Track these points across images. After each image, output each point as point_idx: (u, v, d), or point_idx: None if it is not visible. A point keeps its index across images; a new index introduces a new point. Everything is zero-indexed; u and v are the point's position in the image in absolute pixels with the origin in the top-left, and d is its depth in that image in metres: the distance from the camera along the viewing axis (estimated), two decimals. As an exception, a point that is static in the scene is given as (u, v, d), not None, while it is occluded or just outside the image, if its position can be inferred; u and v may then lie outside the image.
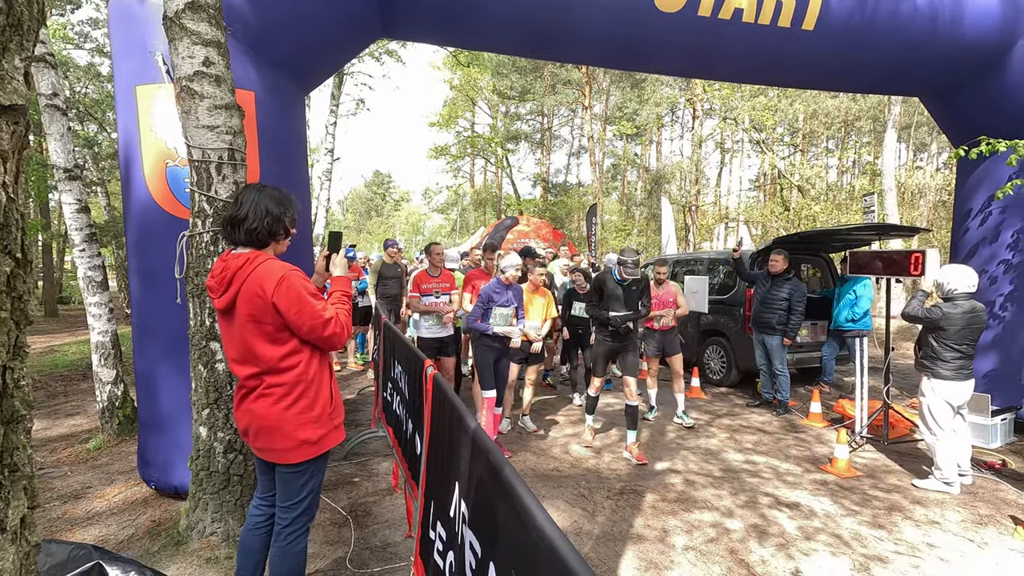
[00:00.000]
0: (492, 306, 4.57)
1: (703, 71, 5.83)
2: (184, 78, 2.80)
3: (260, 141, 3.58)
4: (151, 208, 3.40)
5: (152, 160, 3.41)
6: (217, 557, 2.89)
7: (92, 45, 16.25)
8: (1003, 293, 5.29)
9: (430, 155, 31.55)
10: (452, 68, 28.05)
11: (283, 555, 2.14)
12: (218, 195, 2.88)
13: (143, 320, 3.58)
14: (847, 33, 4.78)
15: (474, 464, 1.43)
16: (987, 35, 4.93)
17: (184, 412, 3.34)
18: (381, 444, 4.73)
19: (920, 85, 5.62)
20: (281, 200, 2.12)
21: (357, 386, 7.01)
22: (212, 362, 2.95)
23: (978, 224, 5.55)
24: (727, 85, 19.70)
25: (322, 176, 15.04)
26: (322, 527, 3.31)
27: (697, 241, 23.58)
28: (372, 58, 17.98)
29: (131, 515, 3.46)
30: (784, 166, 21.78)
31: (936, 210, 19.86)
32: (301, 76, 4.03)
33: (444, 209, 39.72)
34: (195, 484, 3.03)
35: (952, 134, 5.92)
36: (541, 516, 0.97)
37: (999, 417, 4.91)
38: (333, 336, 2.05)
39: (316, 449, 2.09)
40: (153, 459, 3.60)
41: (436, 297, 5.20)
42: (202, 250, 2.91)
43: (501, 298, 4.57)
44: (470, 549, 1.38)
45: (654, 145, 33.07)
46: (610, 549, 3.12)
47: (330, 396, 2.16)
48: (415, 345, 4.98)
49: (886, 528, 3.44)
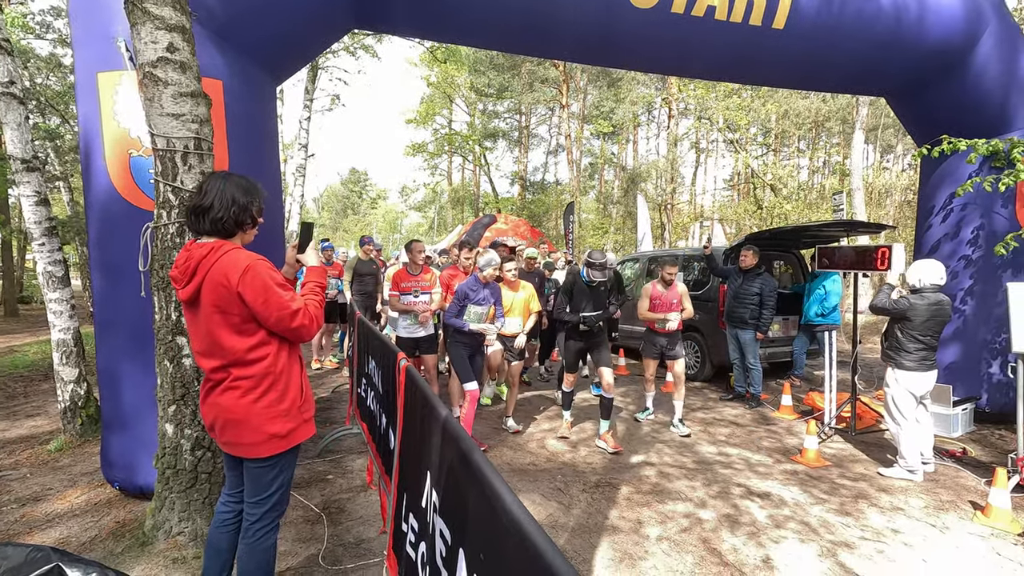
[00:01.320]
0: (467, 303, 4.56)
1: (678, 68, 5.89)
2: (147, 64, 2.72)
3: (228, 131, 3.49)
4: (114, 199, 3.29)
5: (115, 149, 3.29)
6: (184, 557, 2.82)
7: (54, 36, 15.69)
8: (963, 288, 5.47)
9: (407, 152, 31.32)
10: (429, 64, 27.89)
11: (252, 551, 2.09)
12: (184, 185, 2.80)
13: (106, 315, 3.46)
14: (816, 32, 4.88)
15: (444, 452, 1.41)
16: (950, 35, 5.09)
17: (149, 409, 3.25)
18: (356, 441, 4.67)
19: (886, 85, 5.77)
20: (248, 189, 2.06)
21: (332, 384, 6.91)
22: (178, 357, 2.87)
23: (940, 221, 5.73)
24: (702, 84, 19.98)
25: (296, 172, 14.79)
26: (294, 524, 3.25)
27: (673, 239, 23.89)
28: (347, 52, 17.76)
29: (94, 516, 3.35)
30: (757, 166, 22.20)
31: (901, 209, 20.47)
32: (271, 66, 3.95)
33: (422, 207, 39.48)
34: (161, 483, 2.95)
35: (916, 134, 6.10)
36: (510, 499, 0.96)
37: (960, 407, 5.08)
38: (301, 328, 2.01)
39: (285, 443, 2.05)
40: (117, 459, 3.49)
41: (415, 296, 5.11)
42: (167, 242, 2.82)
43: (477, 295, 4.57)
44: (440, 537, 1.36)
45: (630, 144, 33.37)
46: (585, 541, 3.14)
47: (300, 389, 2.11)
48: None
49: (853, 515, 3.52)
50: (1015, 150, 4.90)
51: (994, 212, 5.31)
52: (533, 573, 0.81)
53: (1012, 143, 4.94)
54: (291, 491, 3.60)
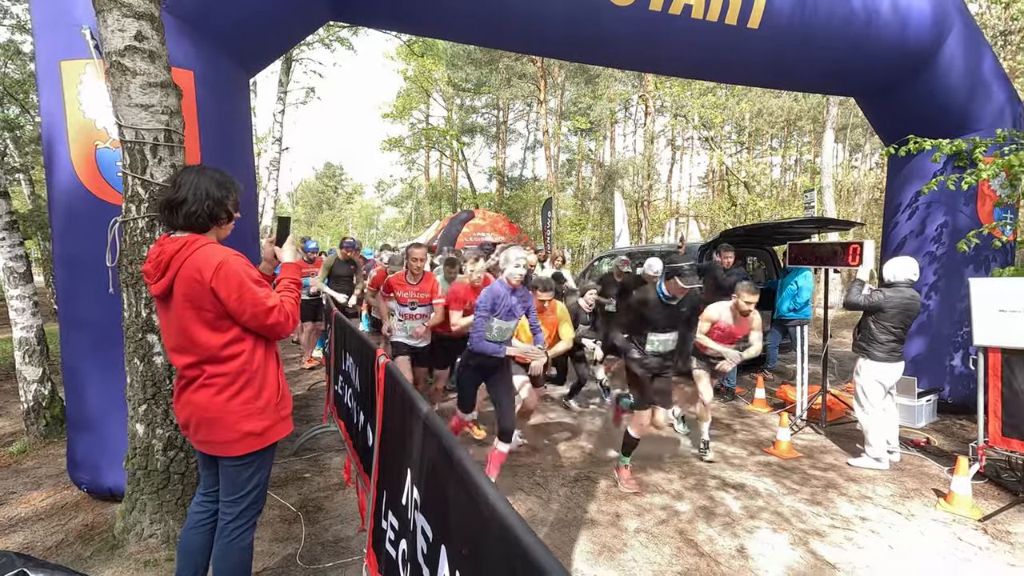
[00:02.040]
0: (491, 318, 3.52)
1: (655, 66, 5.94)
2: (114, 53, 2.63)
3: (200, 123, 3.40)
4: (79, 192, 3.18)
5: (80, 141, 3.18)
6: (157, 560, 2.75)
7: (12, 22, 15.05)
8: (928, 283, 5.65)
9: (384, 147, 30.95)
10: (406, 58, 27.59)
11: (228, 551, 2.05)
12: (154, 179, 2.72)
13: (71, 312, 3.35)
14: (790, 32, 4.97)
15: (426, 449, 1.41)
16: (917, 37, 5.23)
17: (117, 409, 3.15)
18: (333, 439, 4.62)
19: (856, 85, 5.92)
20: (223, 183, 2.02)
21: (308, 381, 6.81)
22: (149, 355, 2.80)
23: (907, 218, 5.91)
24: (678, 82, 20.20)
25: (270, 166, 14.52)
26: (271, 524, 3.20)
27: (649, 235, 24.14)
28: (323, 45, 17.46)
29: (60, 520, 3.25)
30: (731, 163, 22.56)
31: (869, 207, 21.03)
32: (244, 56, 3.86)
33: (398, 202, 39.09)
34: (132, 484, 2.87)
35: (884, 134, 6.27)
36: (492, 494, 0.96)
37: (924, 399, 5.26)
38: (276, 325, 1.98)
39: (261, 441, 2.01)
40: (84, 460, 3.38)
41: (412, 309, 4.59)
42: (137, 237, 2.74)
43: (504, 305, 3.51)
44: (421, 534, 1.36)
45: (608, 141, 33.57)
46: (564, 535, 3.16)
47: (277, 386, 2.08)
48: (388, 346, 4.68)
49: (823, 504, 3.62)
50: (977, 150, 5.08)
51: (957, 210, 5.50)
52: (517, 566, 0.82)
53: (974, 143, 5.12)
54: (267, 490, 3.56)
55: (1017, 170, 4.72)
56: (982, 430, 3.89)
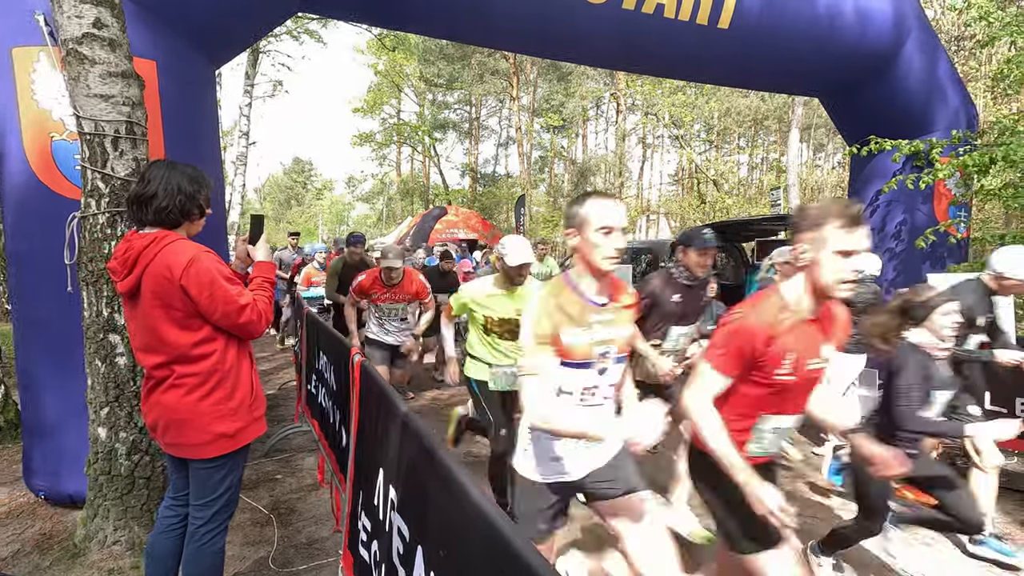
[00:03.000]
0: None
1: (627, 64, 6.01)
2: (71, 40, 2.51)
3: (164, 116, 3.28)
4: (33, 186, 3.03)
5: (33, 132, 3.03)
6: (122, 568, 2.66)
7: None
8: (888, 279, 5.86)
9: (354, 142, 30.54)
10: (377, 52, 27.23)
11: (199, 556, 1.99)
12: (115, 172, 2.61)
13: (26, 312, 3.20)
14: (758, 32, 5.07)
15: (405, 449, 1.39)
16: (878, 39, 5.40)
17: (76, 413, 3.02)
18: (305, 439, 4.53)
19: (821, 85, 6.08)
20: (195, 177, 1.96)
21: (278, 381, 6.68)
22: (111, 356, 2.69)
23: (868, 216, 6.11)
24: (649, 81, 20.45)
25: (236, 161, 14.17)
26: (241, 528, 3.12)
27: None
28: (291, 37, 17.09)
29: (16, 528, 3.11)
30: (700, 161, 22.98)
31: (832, 205, 21.71)
32: (210, 47, 3.73)
33: (369, 198, 38.62)
34: (93, 490, 2.76)
35: (847, 133, 6.47)
36: (476, 493, 0.95)
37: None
38: (249, 324, 1.93)
39: (234, 443, 1.96)
40: (41, 466, 3.24)
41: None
42: (97, 233, 2.63)
43: None
44: (398, 534, 1.34)
45: (580, 138, 33.81)
46: (541, 530, 3.17)
47: (250, 386, 2.03)
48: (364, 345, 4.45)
49: (792, 492, 3.73)
50: (934, 150, 5.29)
51: (916, 208, 5.71)
52: (500, 563, 0.81)
53: (931, 144, 5.33)
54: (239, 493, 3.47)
55: (971, 170, 4.93)
56: (939, 419, 4.04)
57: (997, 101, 13.15)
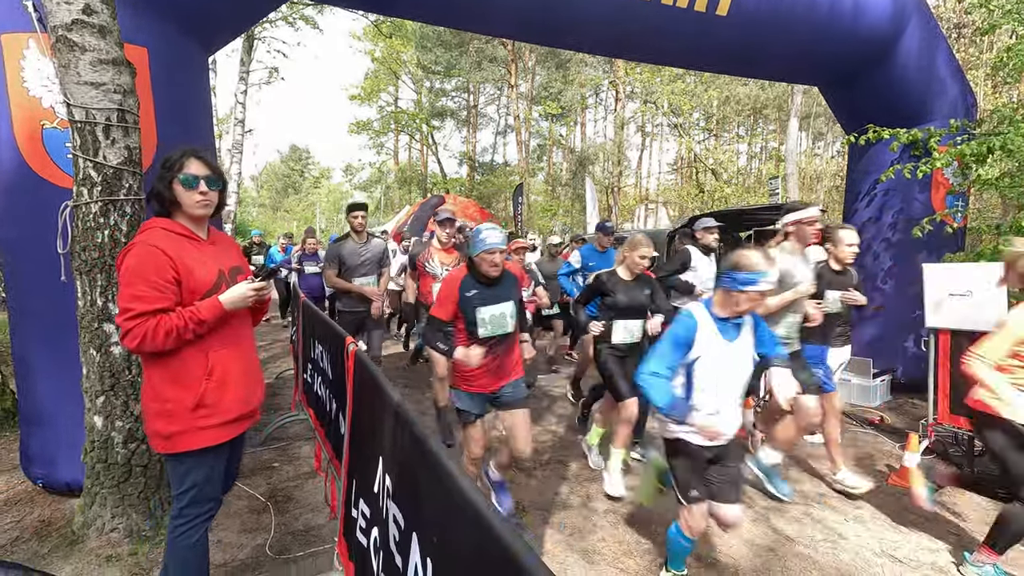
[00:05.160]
0: None
1: (625, 51, 5.95)
2: (61, 27, 2.48)
3: (156, 104, 3.24)
4: (25, 174, 3.01)
5: (24, 120, 3.00)
6: (120, 555, 2.68)
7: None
8: (884, 268, 5.87)
9: (351, 130, 30.34)
10: (374, 39, 26.95)
11: (174, 547, 1.99)
12: (107, 161, 2.60)
13: (20, 301, 3.19)
14: (757, 19, 5.02)
15: (398, 437, 1.40)
16: (878, 25, 5.36)
17: (73, 401, 3.03)
18: (301, 428, 4.56)
19: (820, 74, 6.04)
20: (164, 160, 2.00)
21: (275, 369, 6.69)
22: (106, 345, 2.70)
23: (865, 205, 6.11)
24: (648, 69, 20.31)
25: (232, 149, 14.07)
26: (239, 515, 3.15)
27: (619, 221, 24.38)
28: (286, 23, 16.90)
29: (15, 516, 3.13)
30: (700, 150, 22.90)
31: (831, 194, 21.67)
32: (202, 33, 3.69)
33: (367, 187, 38.42)
34: (91, 478, 2.78)
35: (846, 123, 6.44)
36: (463, 481, 0.96)
37: (879, 379, 5.49)
38: (125, 333, 1.76)
39: (169, 445, 1.89)
40: (38, 454, 3.25)
41: None
42: (90, 222, 2.62)
43: None
44: (393, 522, 1.36)
45: (578, 126, 33.60)
46: (537, 517, 3.21)
47: (198, 394, 1.87)
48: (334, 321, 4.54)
49: (786, 481, 3.76)
50: (932, 139, 5.26)
51: (913, 197, 5.70)
52: (488, 550, 0.82)
53: (930, 133, 5.30)
54: (236, 482, 3.49)
55: (968, 159, 4.91)
56: (932, 408, 4.09)
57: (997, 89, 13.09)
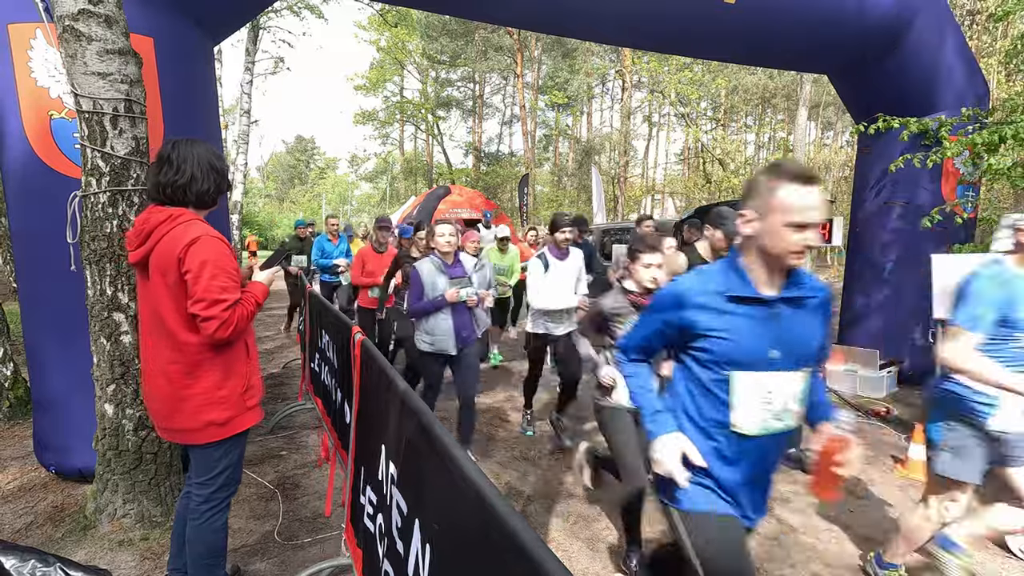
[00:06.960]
0: None
1: (631, 40, 5.90)
2: (67, 17, 2.49)
3: (162, 94, 3.26)
4: (34, 164, 3.04)
5: (32, 110, 3.02)
6: (132, 539, 2.73)
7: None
8: (892, 259, 5.82)
9: (357, 120, 30.27)
10: (379, 28, 26.81)
11: (199, 533, 2.03)
12: (115, 151, 2.61)
13: (31, 290, 3.23)
14: (765, 6, 4.96)
15: (404, 425, 1.41)
16: (888, 13, 5.27)
17: (84, 389, 3.07)
18: (309, 416, 4.60)
19: (830, 62, 5.97)
20: (219, 154, 2.01)
21: (283, 359, 6.75)
22: (116, 334, 2.72)
23: (874, 195, 6.04)
24: (655, 58, 20.11)
25: (238, 139, 14.09)
26: (248, 502, 3.19)
27: (625, 212, 24.27)
28: (291, 12, 16.84)
29: (29, 501, 3.19)
30: (707, 140, 22.70)
31: (839, 184, 21.48)
32: (208, 23, 3.69)
33: (372, 177, 38.44)
34: (102, 465, 2.83)
35: (855, 111, 6.36)
36: (470, 468, 0.97)
37: (885, 370, 5.47)
38: (212, 321, 1.80)
39: (224, 431, 1.96)
40: (51, 441, 3.31)
41: None
42: (99, 212, 2.64)
43: None
44: (397, 509, 1.38)
45: (585, 116, 33.38)
46: (541, 505, 3.23)
47: (244, 376, 2.00)
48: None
49: (784, 471, 3.77)
50: (942, 128, 5.19)
51: (922, 187, 5.64)
52: (494, 536, 0.83)
53: (940, 122, 5.23)
54: (244, 469, 3.53)
55: (980, 149, 4.84)
56: (938, 399, 4.06)
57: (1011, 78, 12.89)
